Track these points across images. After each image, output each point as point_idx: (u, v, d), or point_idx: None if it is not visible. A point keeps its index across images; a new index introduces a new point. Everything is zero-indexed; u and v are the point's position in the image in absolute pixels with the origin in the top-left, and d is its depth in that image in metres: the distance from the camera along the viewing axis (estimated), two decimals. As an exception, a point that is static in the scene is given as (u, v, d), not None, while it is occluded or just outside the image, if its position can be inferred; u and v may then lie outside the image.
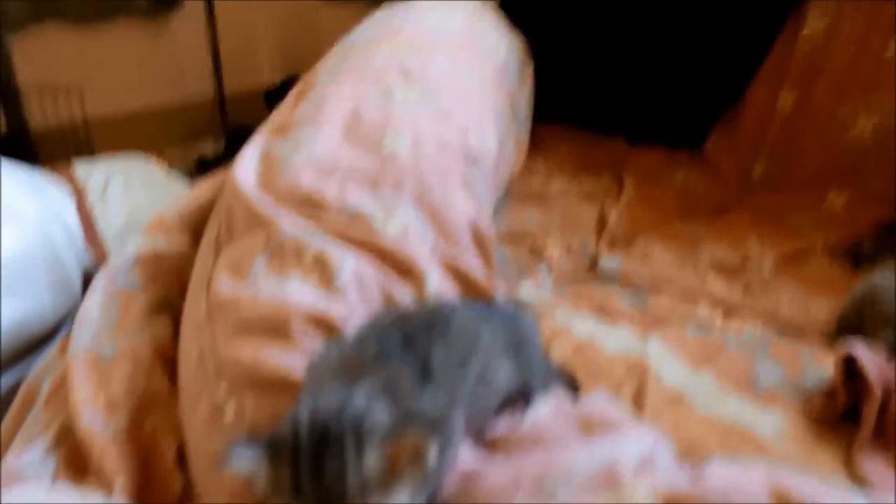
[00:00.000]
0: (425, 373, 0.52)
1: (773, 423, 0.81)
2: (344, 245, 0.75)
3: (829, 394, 0.84)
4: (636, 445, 0.54)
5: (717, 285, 1.13)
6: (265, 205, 0.80)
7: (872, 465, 0.74)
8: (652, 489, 0.49)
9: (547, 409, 0.62)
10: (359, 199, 0.83)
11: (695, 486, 0.49)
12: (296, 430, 0.44)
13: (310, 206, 0.81)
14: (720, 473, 0.50)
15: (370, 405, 0.45)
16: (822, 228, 1.30)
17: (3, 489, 0.66)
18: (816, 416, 0.82)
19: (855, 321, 0.96)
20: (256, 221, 0.78)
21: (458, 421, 0.52)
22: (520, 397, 0.65)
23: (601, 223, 1.34)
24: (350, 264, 0.72)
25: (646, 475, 0.51)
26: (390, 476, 0.43)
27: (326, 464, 0.42)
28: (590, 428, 0.58)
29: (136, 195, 1.44)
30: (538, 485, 0.50)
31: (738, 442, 0.77)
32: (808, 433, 0.80)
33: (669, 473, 0.54)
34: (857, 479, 0.73)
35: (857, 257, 1.21)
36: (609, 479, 0.49)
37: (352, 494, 0.42)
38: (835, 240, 1.26)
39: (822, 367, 0.90)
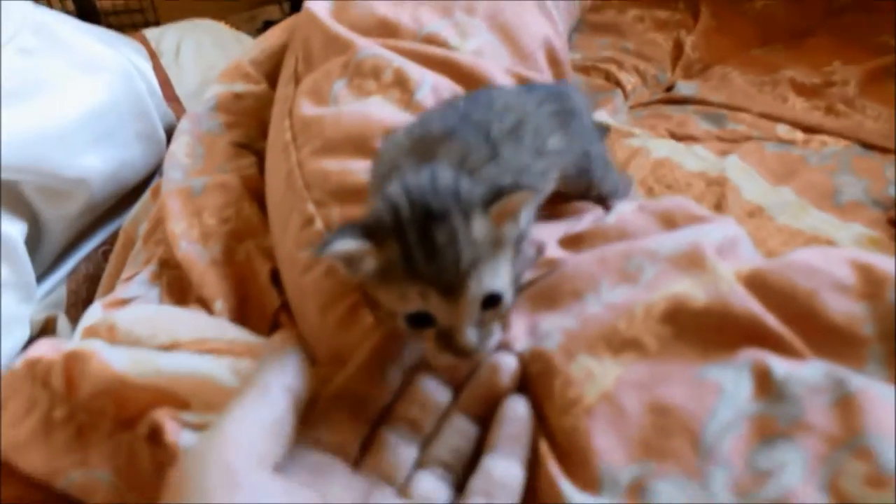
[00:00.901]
0: (490, 146, 0.52)
1: (854, 233, 0.81)
2: (421, 64, 0.76)
3: (911, 204, 0.83)
4: (720, 230, 0.55)
5: (798, 106, 1.11)
6: (341, 30, 0.80)
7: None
8: (735, 267, 0.50)
9: (629, 206, 0.63)
10: (433, 22, 0.83)
11: (778, 265, 0.50)
12: (395, 209, 0.44)
13: (385, 31, 0.82)
14: (802, 254, 0.51)
15: (458, 178, 0.45)
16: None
17: (114, 313, 0.71)
18: (897, 224, 0.82)
19: None
20: (334, 46, 0.79)
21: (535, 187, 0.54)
22: (594, 198, 0.67)
23: (677, 51, 1.31)
24: (428, 81, 0.73)
25: (729, 256, 0.53)
26: (496, 242, 0.44)
27: (436, 235, 0.42)
28: (673, 222, 0.59)
29: (208, 55, 1.45)
30: (624, 265, 0.52)
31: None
32: (892, 241, 0.80)
33: (753, 258, 0.55)
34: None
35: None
36: (693, 258, 0.50)
37: (465, 263, 0.43)
38: None
39: None
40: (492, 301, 0.45)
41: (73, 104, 1.02)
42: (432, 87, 0.73)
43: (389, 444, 0.47)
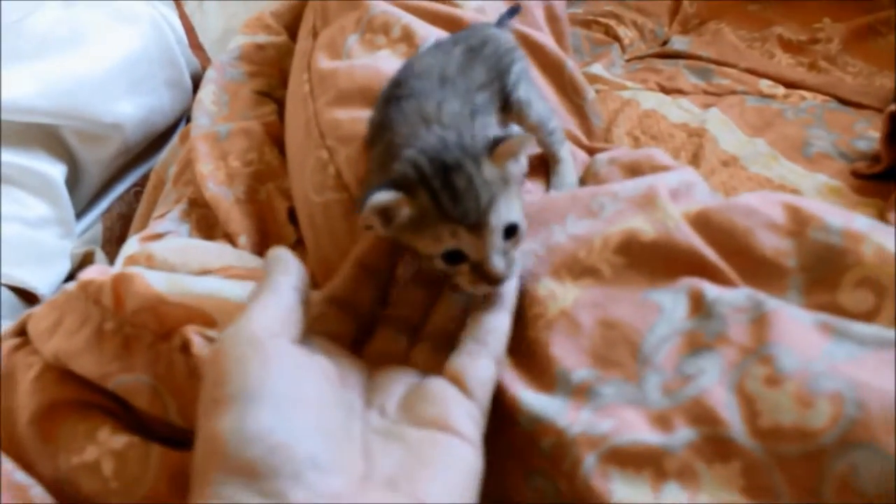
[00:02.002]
0: (466, 102, 0.60)
1: (818, 182, 0.88)
2: (427, 20, 0.83)
3: (875, 157, 0.90)
4: (677, 176, 0.63)
5: (784, 62, 1.17)
6: (354, -13, 0.87)
7: (905, 215, 0.82)
8: (686, 207, 0.58)
9: (604, 157, 0.70)
10: (438, -20, 0.89)
11: (723, 205, 0.57)
12: (417, 166, 0.51)
13: (394, -12, 0.88)
14: (745, 197, 0.58)
15: (462, 135, 0.53)
16: (901, 2, 1.26)
17: (150, 244, 0.79)
18: (859, 175, 0.88)
19: None
20: (348, 3, 0.86)
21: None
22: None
23: (676, 5, 1.36)
24: (433, 36, 0.80)
25: (683, 199, 0.60)
26: (504, 180, 0.52)
27: (455, 182, 0.50)
28: (639, 171, 0.67)
29: (231, 3, 1.50)
30: (589, 202, 0.59)
31: (782, 196, 0.85)
32: (851, 190, 0.87)
33: (705, 199, 0.63)
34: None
35: (932, 31, 1.18)
36: (647, 197, 0.58)
37: (484, 200, 0.50)
38: None
39: (874, 135, 0.94)
40: (511, 231, 0.52)
41: (109, 54, 1.10)
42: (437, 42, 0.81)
43: (385, 333, 0.56)
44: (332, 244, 0.70)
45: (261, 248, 0.85)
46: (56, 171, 1.04)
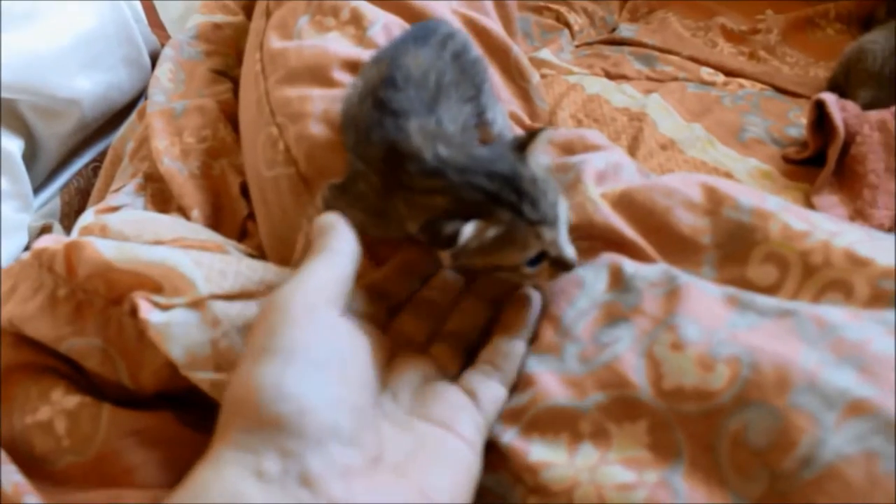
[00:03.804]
0: (459, 114, 0.63)
1: (750, 166, 0.93)
2: (375, 3, 0.85)
3: (803, 143, 0.95)
4: (605, 157, 0.66)
5: (726, 51, 1.22)
6: (305, -29, 0.90)
7: (828, 199, 0.87)
8: (610, 187, 0.62)
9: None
10: (388, -37, 0.92)
11: (645, 186, 0.61)
12: (480, 188, 0.53)
13: (344, -29, 0.91)
14: (666, 178, 0.63)
15: (494, 146, 0.58)
16: (842, -4, 1.31)
17: (105, 216, 0.81)
18: (789, 160, 0.93)
19: (843, 82, 1.04)
20: (299, -14, 0.89)
21: None
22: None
23: (626, -5, 1.39)
24: (381, 19, 0.83)
25: (610, 179, 0.64)
26: (545, 171, 0.55)
27: (526, 188, 0.53)
28: (572, 150, 0.70)
29: (191, -18, 1.53)
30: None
31: (715, 179, 0.90)
32: (780, 174, 0.92)
33: (632, 179, 0.67)
34: (810, 208, 0.86)
35: (869, 25, 1.23)
36: (573, 184, 0.62)
37: (552, 197, 0.54)
38: (851, 7, 1.28)
39: (805, 122, 0.98)
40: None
41: (66, 30, 1.11)
42: (383, 26, 0.83)
43: (411, 315, 0.59)
44: (283, 218, 0.73)
45: (213, 222, 0.88)
46: (13, 146, 1.05)
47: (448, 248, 0.51)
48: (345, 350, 0.45)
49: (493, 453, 0.50)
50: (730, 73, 1.15)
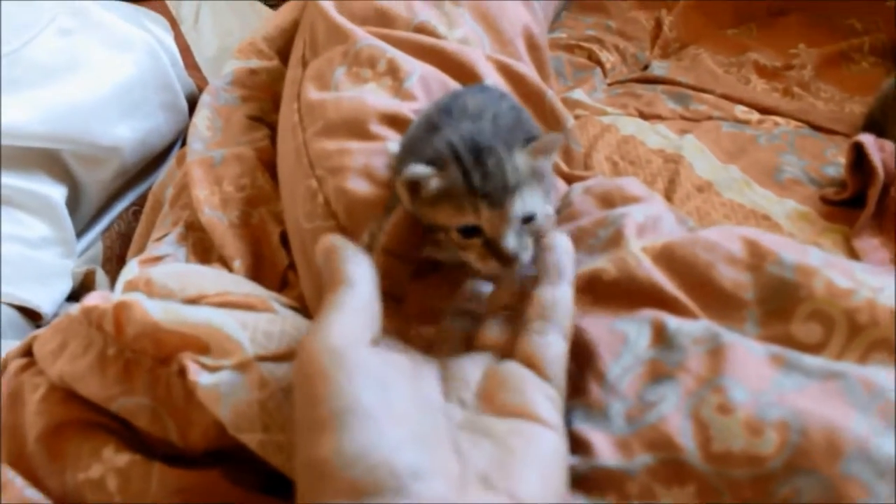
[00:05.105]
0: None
1: (788, 208, 0.92)
2: (412, 53, 0.86)
3: (842, 183, 0.94)
4: (644, 210, 0.67)
5: (759, 87, 1.21)
6: (342, 21, 0.91)
7: (868, 242, 0.86)
8: (650, 242, 0.62)
9: (579, 188, 0.74)
10: (424, 11, 0.93)
11: (686, 240, 0.61)
12: (452, 145, 0.55)
13: (382, 20, 0.92)
14: (707, 231, 0.62)
15: (497, 128, 0.58)
16: (875, 29, 1.31)
17: (149, 269, 0.83)
18: (827, 201, 0.93)
19: (881, 118, 1.03)
20: (336, 36, 0.89)
21: None
22: None
23: (657, 30, 1.40)
24: (417, 70, 0.84)
25: (650, 232, 0.64)
26: (534, 173, 0.56)
27: (487, 162, 0.54)
28: (612, 202, 0.71)
29: (225, 22, 1.55)
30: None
31: (754, 223, 0.89)
32: (819, 216, 0.91)
33: (672, 231, 0.67)
34: (853, 254, 0.85)
35: (905, 58, 1.22)
36: (614, 238, 0.63)
37: (510, 183, 0.54)
38: (885, 40, 1.27)
39: (843, 161, 0.96)
40: (528, 218, 0.55)
41: (106, 79, 1.14)
42: (420, 77, 0.84)
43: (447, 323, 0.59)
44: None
45: (254, 272, 0.89)
46: (56, 193, 1.08)
47: (407, 185, 0.55)
48: (388, 386, 0.44)
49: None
50: (764, 110, 1.15)
